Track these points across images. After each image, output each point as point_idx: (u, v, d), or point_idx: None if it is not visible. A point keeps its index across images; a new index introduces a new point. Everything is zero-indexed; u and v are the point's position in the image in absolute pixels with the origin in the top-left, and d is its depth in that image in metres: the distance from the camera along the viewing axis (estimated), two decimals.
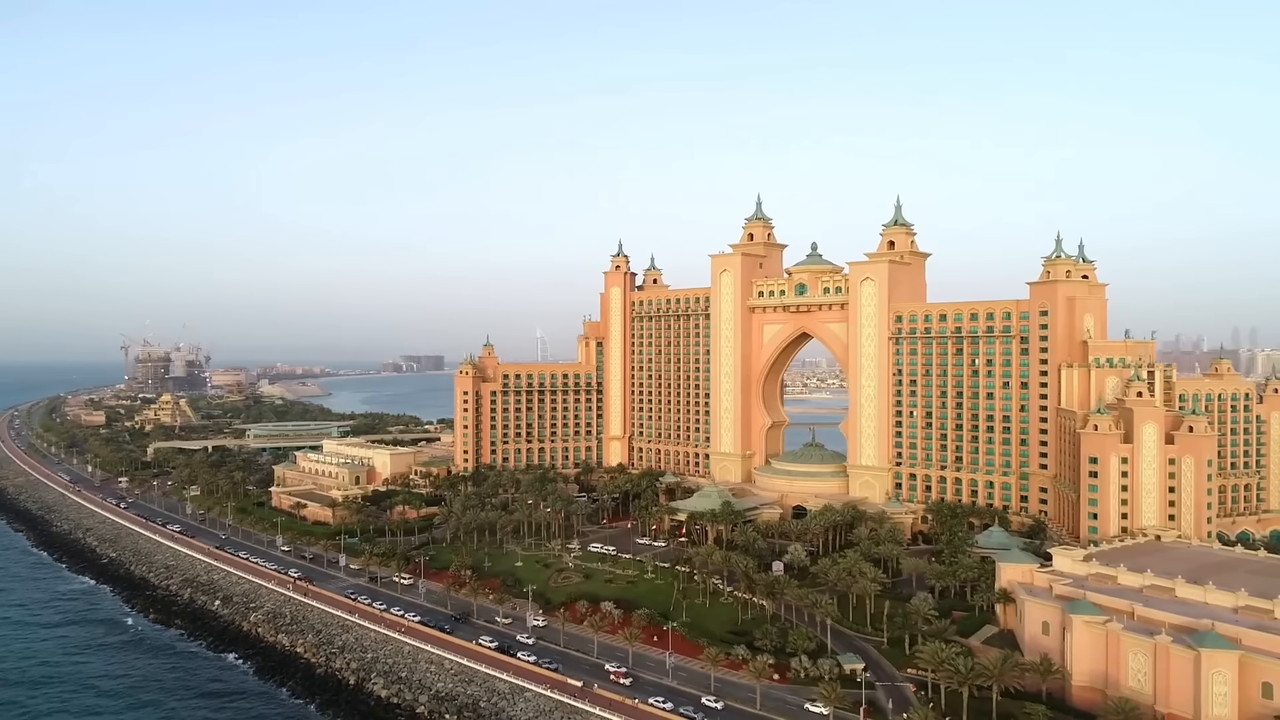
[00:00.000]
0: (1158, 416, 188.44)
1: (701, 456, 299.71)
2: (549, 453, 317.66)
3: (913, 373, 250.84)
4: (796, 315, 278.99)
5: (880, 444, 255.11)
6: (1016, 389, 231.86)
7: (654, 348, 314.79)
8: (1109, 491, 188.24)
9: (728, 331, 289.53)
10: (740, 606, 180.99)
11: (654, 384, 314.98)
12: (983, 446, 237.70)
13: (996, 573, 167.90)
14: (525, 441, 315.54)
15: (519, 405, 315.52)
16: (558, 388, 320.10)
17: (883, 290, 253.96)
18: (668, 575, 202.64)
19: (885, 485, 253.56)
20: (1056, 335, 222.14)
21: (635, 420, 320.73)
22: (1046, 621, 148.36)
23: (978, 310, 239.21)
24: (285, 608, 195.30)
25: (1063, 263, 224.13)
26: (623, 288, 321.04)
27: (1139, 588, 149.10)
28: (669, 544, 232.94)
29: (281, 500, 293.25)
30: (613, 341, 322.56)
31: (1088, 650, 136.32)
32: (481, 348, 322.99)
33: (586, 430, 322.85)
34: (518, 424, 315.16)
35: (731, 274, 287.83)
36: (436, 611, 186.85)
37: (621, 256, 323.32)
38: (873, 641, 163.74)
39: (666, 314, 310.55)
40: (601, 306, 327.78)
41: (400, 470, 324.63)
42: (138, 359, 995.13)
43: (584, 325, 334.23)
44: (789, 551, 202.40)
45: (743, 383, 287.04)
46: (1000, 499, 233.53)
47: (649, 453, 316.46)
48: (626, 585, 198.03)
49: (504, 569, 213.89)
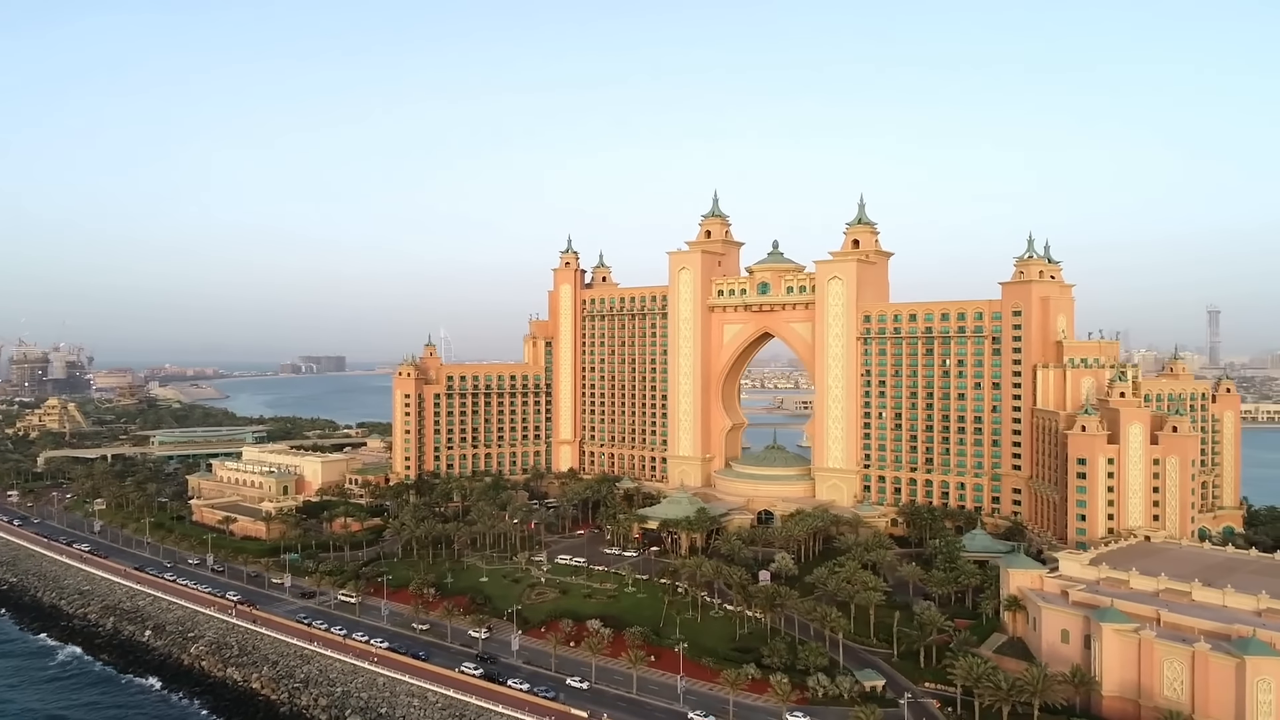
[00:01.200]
0: (1143, 417, 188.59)
1: (658, 460, 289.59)
2: (495, 458, 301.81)
3: (881, 373, 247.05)
4: (759, 315, 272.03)
5: (848, 446, 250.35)
6: (988, 389, 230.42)
7: (607, 348, 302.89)
8: (1097, 493, 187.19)
9: (687, 331, 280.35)
10: (732, 620, 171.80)
11: (607, 385, 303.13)
12: (954, 448, 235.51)
13: (1002, 579, 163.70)
14: (471, 447, 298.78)
15: (464, 408, 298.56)
16: (505, 390, 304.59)
17: (850, 289, 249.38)
18: (650, 588, 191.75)
19: (853, 488, 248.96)
20: (1031, 335, 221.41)
21: (587, 423, 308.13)
22: (1066, 629, 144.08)
23: (949, 310, 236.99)
24: (230, 636, 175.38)
25: (1036, 263, 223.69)
26: (573, 285, 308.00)
27: (1154, 591, 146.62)
28: (640, 554, 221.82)
29: (205, 514, 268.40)
30: (562, 341, 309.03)
31: (1118, 659, 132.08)
32: (423, 348, 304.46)
33: (535, 434, 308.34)
34: (462, 428, 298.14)
35: (691, 272, 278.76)
36: (404, 636, 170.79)
37: (571, 253, 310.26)
38: (881, 654, 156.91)
39: (621, 313, 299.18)
40: (550, 305, 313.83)
41: (333, 479, 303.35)
42: (12, 359, 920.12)
43: (530, 325, 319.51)
44: (775, 560, 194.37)
45: (702, 384, 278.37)
46: (972, 501, 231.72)
47: (601, 457, 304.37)
48: (608, 600, 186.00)
49: (468, 585, 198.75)
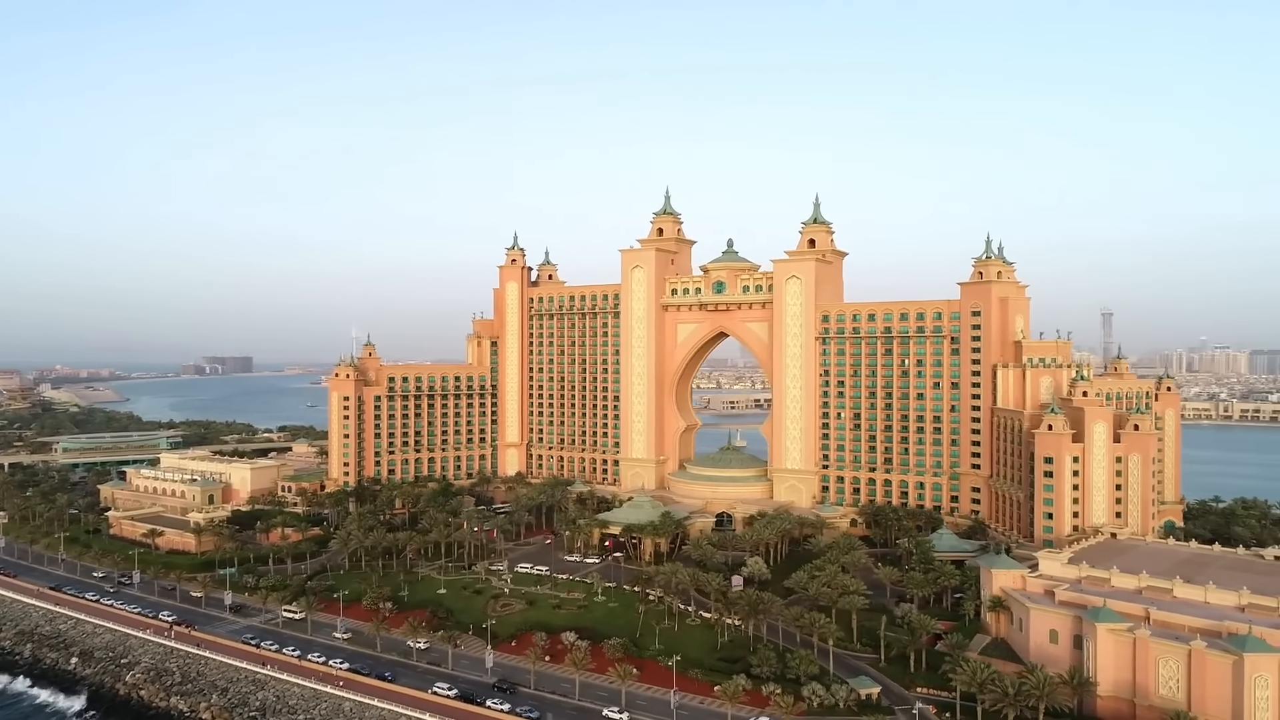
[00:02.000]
0: (1106, 416, 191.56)
1: (611, 463, 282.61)
2: (439, 463, 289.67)
3: (840, 373, 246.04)
4: (714, 314, 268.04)
5: (806, 446, 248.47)
6: (947, 389, 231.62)
7: (556, 347, 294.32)
8: (1064, 491, 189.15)
9: (640, 330, 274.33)
10: (712, 629, 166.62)
11: (556, 386, 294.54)
12: (913, 447, 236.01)
13: (983, 579, 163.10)
14: (414, 451, 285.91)
15: (405, 411, 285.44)
16: (449, 391, 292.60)
17: (809, 289, 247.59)
18: (621, 597, 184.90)
19: (812, 489, 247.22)
20: (991, 335, 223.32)
21: (534, 426, 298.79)
22: (1055, 630, 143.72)
23: (908, 310, 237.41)
24: (169, 662, 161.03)
25: (994, 263, 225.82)
26: (520, 283, 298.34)
27: (1136, 589, 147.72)
28: (603, 560, 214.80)
29: (125, 527, 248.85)
30: (509, 341, 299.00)
31: (1112, 659, 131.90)
32: (362, 348, 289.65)
33: (481, 438, 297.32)
34: (404, 432, 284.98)
35: (644, 270, 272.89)
36: (366, 655, 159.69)
37: (517, 250, 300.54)
38: (867, 659, 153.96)
39: (570, 312, 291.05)
40: (496, 303, 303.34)
41: (264, 486, 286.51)
42: None
43: (474, 324, 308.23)
44: (747, 564, 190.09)
45: (656, 384, 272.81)
46: (931, 500, 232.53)
47: (550, 460, 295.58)
48: (579, 611, 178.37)
49: (426, 598, 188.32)
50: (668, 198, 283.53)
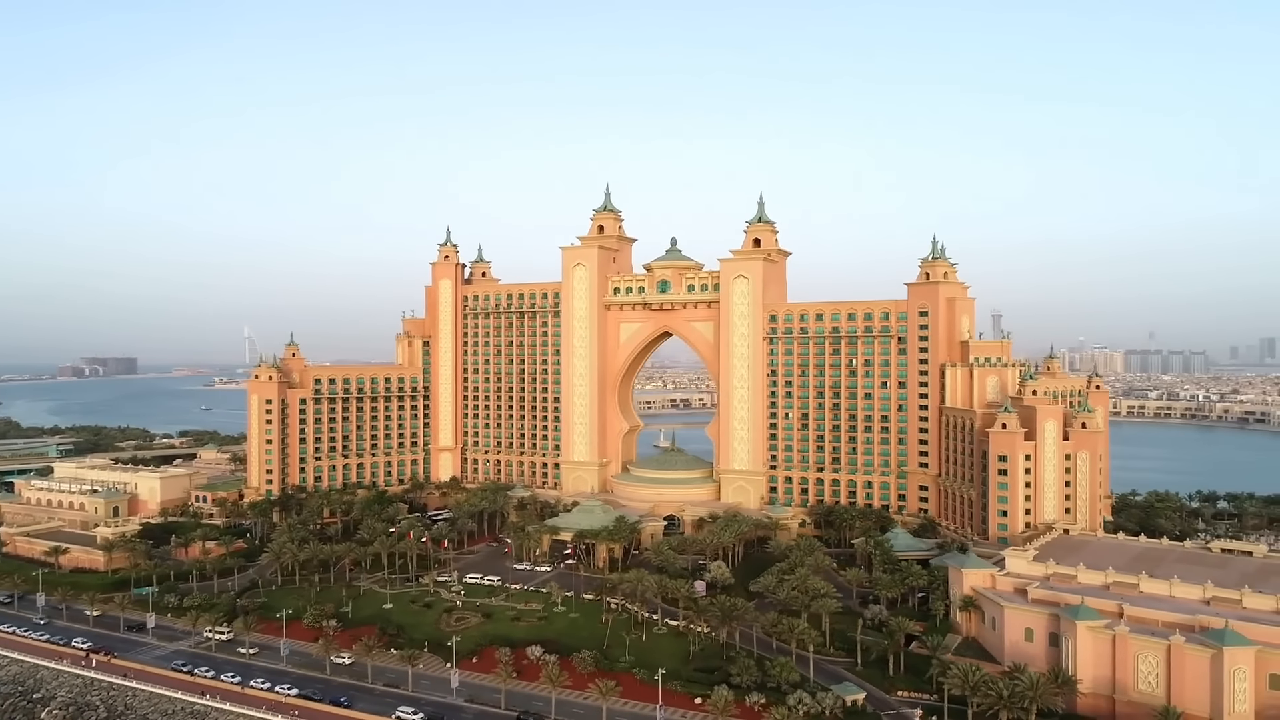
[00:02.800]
0: (1056, 414, 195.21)
1: (551, 466, 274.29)
2: (369, 469, 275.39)
3: (788, 374, 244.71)
4: (658, 313, 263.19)
5: (754, 447, 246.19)
6: (895, 389, 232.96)
7: (492, 347, 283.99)
8: (1018, 489, 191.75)
9: (582, 330, 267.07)
10: (683, 638, 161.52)
11: (493, 388, 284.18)
12: (861, 447, 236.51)
13: (951, 578, 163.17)
14: (341, 457, 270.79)
15: (333, 414, 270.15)
16: (379, 393, 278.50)
17: (756, 288, 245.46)
18: (582, 606, 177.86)
19: (760, 490, 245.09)
20: (939, 335, 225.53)
21: (470, 429, 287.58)
22: (1030, 628, 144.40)
23: (855, 310, 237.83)
24: (91, 694, 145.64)
25: (941, 264, 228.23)
26: (454, 280, 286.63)
27: (1104, 585, 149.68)
28: (555, 568, 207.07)
29: (20, 544, 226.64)
30: (442, 340, 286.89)
31: (1091, 656, 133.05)
32: (284, 348, 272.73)
33: (412, 442, 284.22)
34: (331, 436, 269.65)
35: (586, 268, 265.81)
36: (315, 679, 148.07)
37: (450, 246, 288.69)
38: (842, 664, 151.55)
39: (508, 310, 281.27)
40: (428, 301, 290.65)
41: (175, 497, 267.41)
42: None
43: (403, 323, 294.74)
44: (710, 570, 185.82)
45: (599, 385, 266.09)
46: (879, 499, 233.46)
47: (487, 464, 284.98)
48: (539, 622, 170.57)
49: (371, 614, 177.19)
50: (608, 194, 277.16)
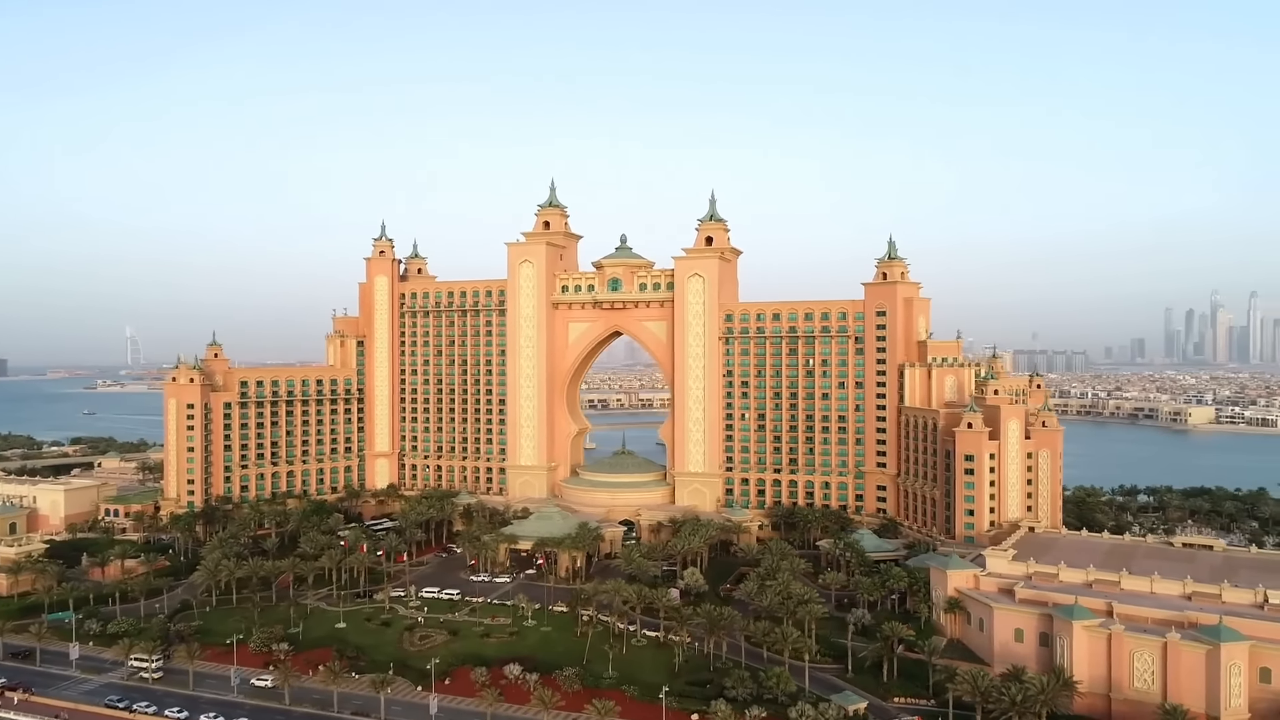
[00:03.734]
0: (1019, 413, 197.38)
1: (496, 471, 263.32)
2: (300, 477, 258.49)
3: (744, 374, 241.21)
4: (609, 313, 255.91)
5: (710, 449, 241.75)
6: (852, 389, 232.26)
7: (432, 347, 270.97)
8: (984, 488, 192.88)
9: (529, 329, 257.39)
10: (661, 649, 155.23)
11: (432, 390, 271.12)
12: (818, 448, 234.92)
13: (934, 580, 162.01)
14: (270, 464, 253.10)
15: (260, 419, 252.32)
16: (310, 396, 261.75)
17: (712, 287, 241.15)
18: (553, 619, 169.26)
19: (716, 492, 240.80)
20: (896, 335, 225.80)
21: (408, 433, 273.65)
22: (1020, 628, 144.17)
23: (812, 310, 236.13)
24: None
25: (897, 264, 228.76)
26: (390, 277, 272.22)
27: (1086, 583, 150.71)
28: (514, 579, 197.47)
29: None
30: (378, 340, 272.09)
31: (1087, 655, 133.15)
32: (206, 348, 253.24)
33: (346, 448, 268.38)
34: (259, 443, 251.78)
35: (533, 265, 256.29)
36: (274, 710, 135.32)
37: (386, 240, 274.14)
38: (831, 671, 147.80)
39: (449, 309, 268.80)
40: (362, 299, 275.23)
41: (81, 511, 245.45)
42: None
43: (334, 321, 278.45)
44: (683, 576, 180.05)
45: (547, 386, 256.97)
46: (837, 500, 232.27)
47: (426, 470, 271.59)
48: (510, 638, 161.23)
49: (323, 635, 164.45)
50: (553, 189, 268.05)
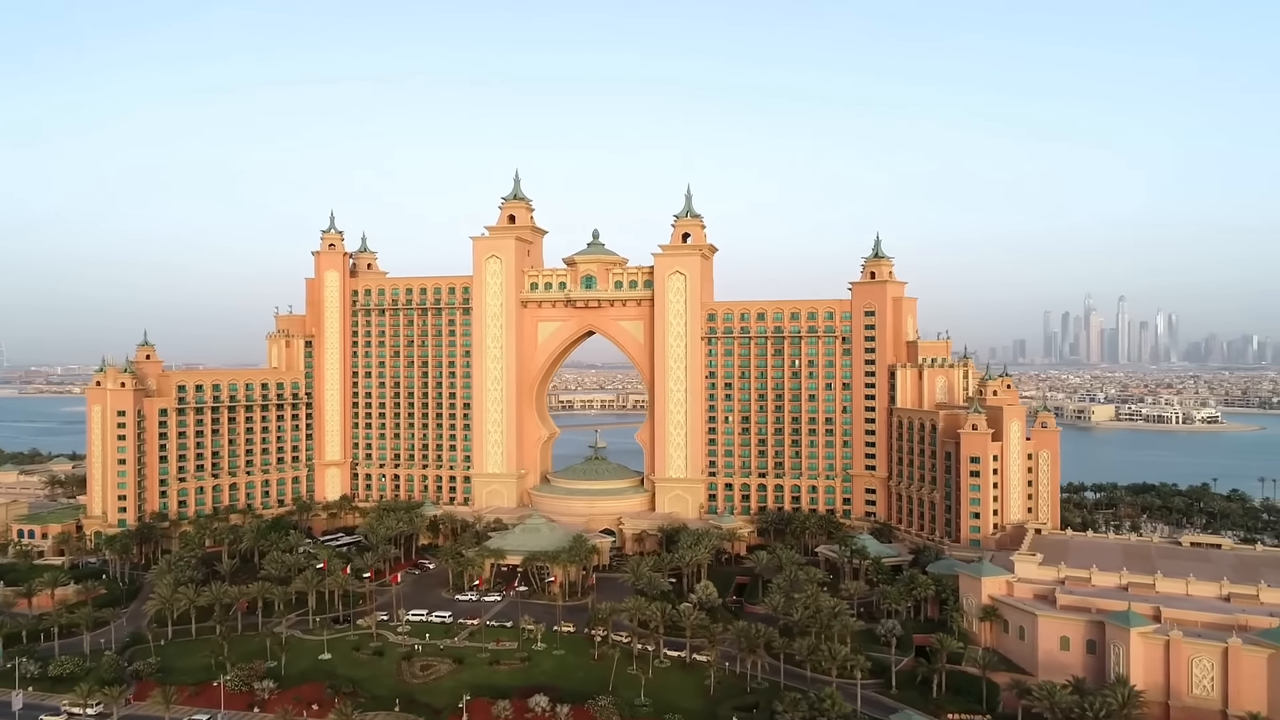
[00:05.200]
0: (1021, 414, 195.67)
1: (460, 480, 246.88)
2: (243, 490, 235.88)
3: (728, 375, 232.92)
4: (583, 311, 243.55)
5: (692, 453, 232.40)
6: (839, 390, 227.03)
7: (389, 348, 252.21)
8: (989, 490, 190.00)
9: (495, 329, 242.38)
10: (687, 670, 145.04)
11: (389, 393, 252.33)
12: (805, 451, 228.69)
13: (964, 587, 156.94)
14: (211, 476, 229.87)
15: (200, 427, 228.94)
16: (254, 401, 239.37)
17: (694, 285, 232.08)
18: (564, 641, 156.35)
19: (699, 498, 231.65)
20: (886, 335, 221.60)
21: (361, 440, 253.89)
22: (1066, 636, 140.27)
23: (799, 309, 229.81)
24: None
25: (885, 262, 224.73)
26: (341, 272, 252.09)
27: (1119, 586, 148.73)
28: (504, 598, 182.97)
29: None
30: (328, 340, 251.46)
31: (1143, 662, 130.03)
32: (136, 349, 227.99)
33: (294, 457, 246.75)
34: (199, 453, 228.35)
35: (501, 261, 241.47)
36: None
37: (335, 233, 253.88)
38: (872, 687, 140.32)
39: (408, 306, 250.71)
40: (310, 296, 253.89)
41: None
42: None
43: (277, 319, 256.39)
44: (696, 590, 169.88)
45: (516, 389, 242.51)
46: (824, 504, 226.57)
47: (382, 480, 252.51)
48: (523, 665, 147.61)
49: (308, 668, 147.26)
50: (517, 181, 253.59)
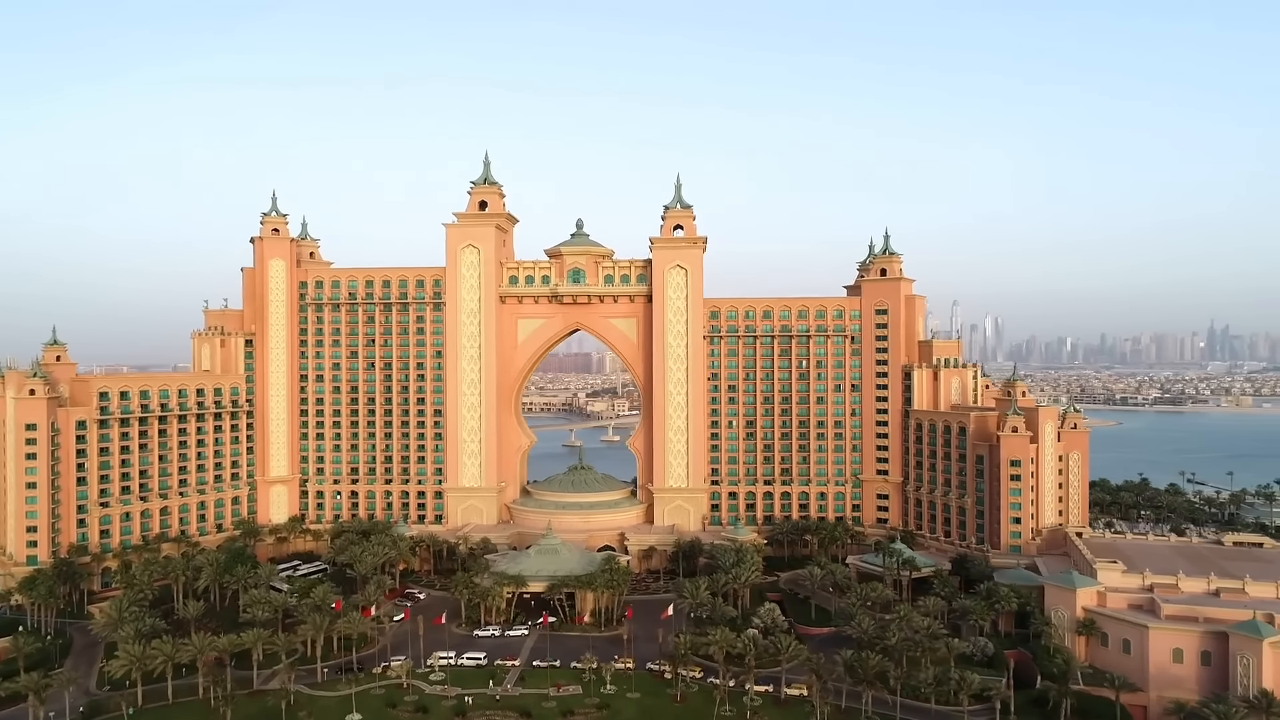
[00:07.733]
0: (1053, 415, 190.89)
1: (430, 497, 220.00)
2: (175, 514, 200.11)
3: (731, 377, 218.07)
4: (569, 307, 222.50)
5: (694, 461, 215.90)
6: (848, 392, 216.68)
7: (344, 348, 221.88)
8: (1028, 494, 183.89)
9: (472, 326, 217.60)
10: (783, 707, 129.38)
11: (344, 399, 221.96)
12: (813, 456, 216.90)
13: (1052, 599, 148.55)
14: (139, 500, 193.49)
15: (125, 441, 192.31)
16: (188, 410, 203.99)
17: (695, 281, 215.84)
18: (631, 681, 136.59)
19: (701, 509, 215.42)
20: (899, 335, 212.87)
21: (312, 453, 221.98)
22: (1179, 648, 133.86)
23: (806, 307, 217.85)
24: None
25: (895, 259, 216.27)
26: (287, 261, 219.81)
27: (1211, 591, 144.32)
28: (530, 631, 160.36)
29: None
30: (272, 338, 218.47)
31: (1273, 673, 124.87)
32: (43, 349, 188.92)
33: (233, 474, 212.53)
34: (124, 473, 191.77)
35: (479, 251, 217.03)
36: None
37: (278, 215, 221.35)
38: (981, 712, 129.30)
39: (368, 301, 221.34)
40: (250, 288, 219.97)
41: None
42: None
43: (206, 314, 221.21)
44: (758, 614, 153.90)
45: (496, 393, 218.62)
46: (833, 510, 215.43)
47: (337, 499, 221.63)
48: (600, 714, 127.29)
49: None
50: (487, 164, 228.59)
